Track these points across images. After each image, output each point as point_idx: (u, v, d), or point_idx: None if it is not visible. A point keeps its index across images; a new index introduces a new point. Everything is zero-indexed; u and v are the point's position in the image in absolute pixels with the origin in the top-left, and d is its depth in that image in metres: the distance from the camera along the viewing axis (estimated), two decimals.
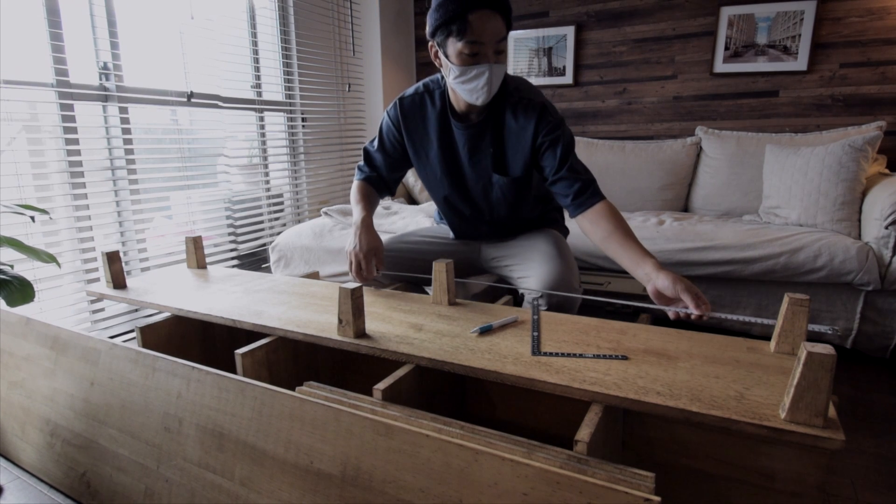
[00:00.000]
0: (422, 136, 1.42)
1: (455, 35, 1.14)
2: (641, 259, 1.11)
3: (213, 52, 2.28)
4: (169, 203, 2.25)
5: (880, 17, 2.35)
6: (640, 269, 1.10)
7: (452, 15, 1.12)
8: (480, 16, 1.11)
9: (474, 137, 1.34)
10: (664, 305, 1.06)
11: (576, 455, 0.73)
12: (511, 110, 1.30)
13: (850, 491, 1.19)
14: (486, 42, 1.14)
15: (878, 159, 2.26)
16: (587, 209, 1.24)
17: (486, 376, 0.93)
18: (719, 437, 0.91)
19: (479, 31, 1.13)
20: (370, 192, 1.51)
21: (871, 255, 1.76)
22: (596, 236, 1.22)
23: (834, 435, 0.71)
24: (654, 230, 2.04)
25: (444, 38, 1.18)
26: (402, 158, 1.49)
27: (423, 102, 1.39)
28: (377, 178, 1.52)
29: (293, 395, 0.87)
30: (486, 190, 1.42)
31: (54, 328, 1.19)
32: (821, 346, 0.72)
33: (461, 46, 1.15)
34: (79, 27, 1.82)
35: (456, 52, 1.17)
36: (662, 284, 1.04)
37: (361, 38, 3.14)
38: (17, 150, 1.69)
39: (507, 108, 1.31)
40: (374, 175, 1.52)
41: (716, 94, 2.71)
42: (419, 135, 1.42)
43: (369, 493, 0.78)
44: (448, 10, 1.13)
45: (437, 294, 1.26)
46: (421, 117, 1.40)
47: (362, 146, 3.26)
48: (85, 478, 1.11)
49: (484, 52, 1.15)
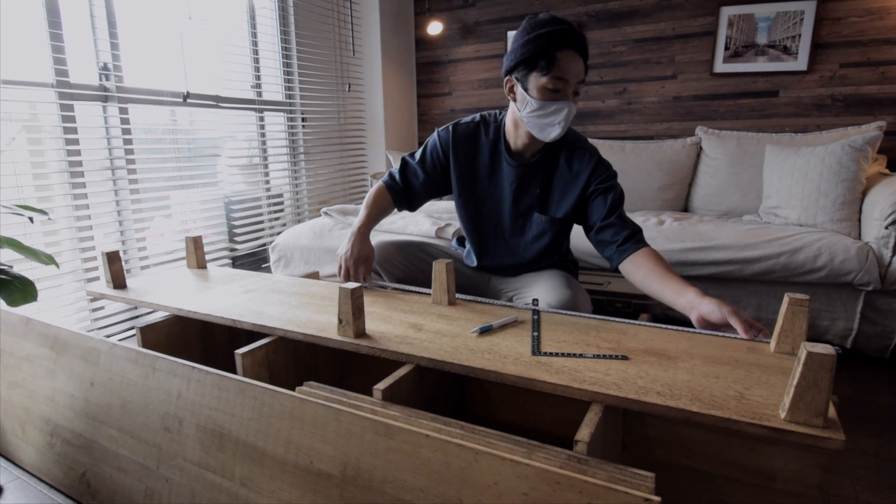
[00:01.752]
0: (469, 165, 1.43)
1: (541, 70, 1.19)
2: (683, 289, 1.10)
3: (212, 52, 2.28)
4: (169, 203, 2.25)
5: (880, 17, 2.35)
6: (683, 297, 1.09)
7: (541, 51, 1.17)
8: (567, 55, 1.17)
9: (525, 176, 1.37)
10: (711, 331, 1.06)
11: (576, 455, 0.73)
12: (567, 156, 1.34)
13: (850, 491, 1.19)
14: (570, 80, 1.19)
15: (878, 159, 2.26)
16: (632, 253, 1.24)
17: (486, 376, 0.93)
18: (719, 437, 0.91)
19: (564, 68, 1.18)
20: (387, 201, 1.50)
21: (871, 255, 1.76)
22: (637, 276, 1.22)
23: (834, 435, 0.71)
24: (654, 230, 2.04)
25: (527, 72, 1.21)
26: (439, 181, 1.47)
27: (478, 132, 1.41)
28: (403, 190, 1.51)
29: (293, 395, 0.87)
30: (524, 227, 1.43)
31: (54, 328, 1.19)
32: (821, 346, 0.72)
33: (545, 81, 1.19)
34: (79, 27, 1.82)
35: (539, 86, 1.20)
36: (707, 310, 1.03)
37: (361, 38, 3.14)
38: (17, 150, 1.69)
39: (563, 154, 1.34)
40: (401, 187, 1.51)
41: (716, 94, 2.71)
42: (467, 163, 1.43)
43: (369, 493, 0.78)
44: (538, 46, 1.17)
45: (437, 294, 1.26)
46: (473, 147, 1.42)
47: (362, 146, 3.28)
48: (85, 478, 1.11)
49: (565, 89, 1.20)
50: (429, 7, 3.27)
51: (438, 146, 1.45)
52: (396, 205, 1.52)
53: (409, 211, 1.57)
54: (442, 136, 1.45)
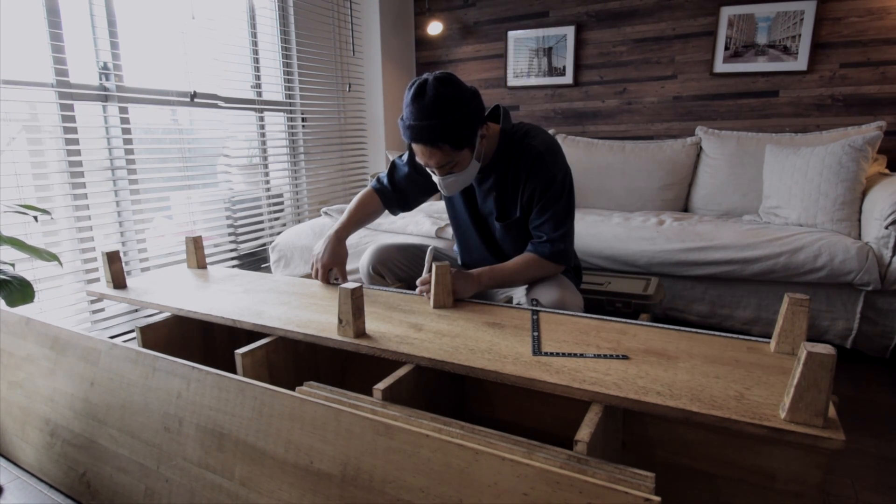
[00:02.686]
0: None
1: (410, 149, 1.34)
2: None
3: (212, 52, 2.28)
4: (169, 203, 2.25)
5: (880, 17, 2.35)
6: None
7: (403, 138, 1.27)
8: (418, 149, 1.25)
9: (482, 181, 1.40)
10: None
11: (576, 455, 0.73)
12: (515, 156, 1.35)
13: (850, 491, 1.19)
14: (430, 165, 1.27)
15: (878, 159, 2.26)
16: None
17: (486, 376, 0.93)
18: (719, 437, 0.91)
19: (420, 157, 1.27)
20: (373, 206, 1.52)
21: (871, 255, 1.76)
22: None
23: (834, 435, 0.71)
24: (654, 230, 2.04)
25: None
26: (429, 178, 1.49)
27: None
28: (392, 192, 1.52)
29: (293, 395, 0.87)
30: (490, 230, 1.47)
31: (54, 328, 1.19)
32: (821, 346, 0.72)
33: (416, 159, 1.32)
34: (79, 27, 1.82)
35: None
36: None
37: (361, 38, 3.14)
38: (18, 150, 1.69)
39: (512, 155, 1.36)
40: (390, 190, 1.52)
41: (716, 94, 2.71)
42: None
43: (369, 493, 0.78)
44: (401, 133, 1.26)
45: (437, 294, 1.26)
46: None
47: (362, 146, 3.28)
48: (85, 478, 1.11)
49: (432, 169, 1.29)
50: (429, 7, 3.27)
51: None
52: (387, 207, 1.54)
53: (404, 211, 1.59)
54: None
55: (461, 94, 1.20)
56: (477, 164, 1.30)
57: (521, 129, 1.37)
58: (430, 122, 1.18)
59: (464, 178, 1.31)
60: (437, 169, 1.27)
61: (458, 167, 1.27)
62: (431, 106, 1.17)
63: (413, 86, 1.21)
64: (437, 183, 1.33)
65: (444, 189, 1.33)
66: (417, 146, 1.23)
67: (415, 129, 1.20)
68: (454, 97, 1.19)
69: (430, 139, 1.20)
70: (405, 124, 1.23)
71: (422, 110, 1.18)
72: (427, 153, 1.23)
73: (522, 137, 1.35)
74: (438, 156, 1.23)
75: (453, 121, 1.19)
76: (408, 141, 1.25)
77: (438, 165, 1.25)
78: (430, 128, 1.19)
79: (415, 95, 1.19)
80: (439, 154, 1.22)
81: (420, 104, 1.18)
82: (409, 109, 1.21)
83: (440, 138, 1.20)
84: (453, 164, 1.26)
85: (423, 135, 1.20)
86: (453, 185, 1.31)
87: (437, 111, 1.17)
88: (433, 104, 1.17)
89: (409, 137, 1.23)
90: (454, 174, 1.28)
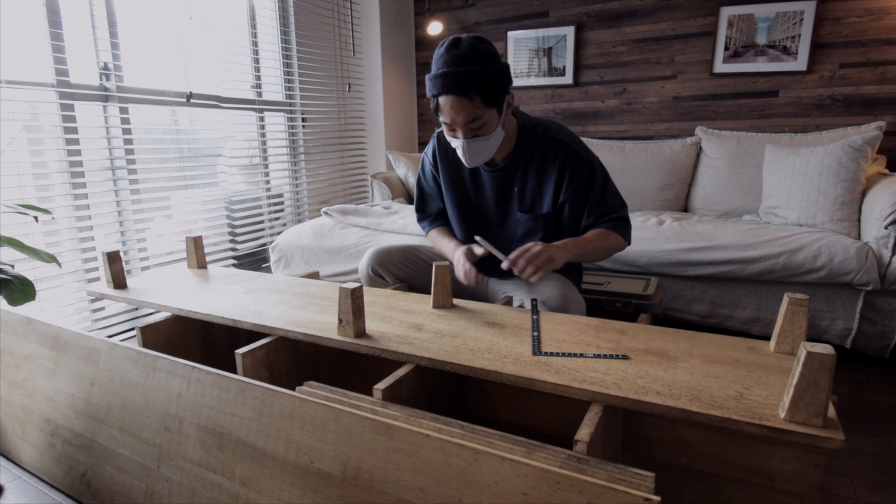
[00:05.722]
0: (454, 172, 1.46)
1: (435, 109, 1.25)
2: None
3: (213, 52, 2.28)
4: (169, 203, 2.25)
5: (880, 17, 2.35)
6: None
7: (432, 94, 1.23)
8: (448, 101, 1.19)
9: (502, 179, 1.39)
10: None
11: (576, 455, 0.74)
12: (540, 149, 1.34)
13: (850, 491, 1.19)
14: (455, 123, 1.22)
15: (878, 159, 2.26)
16: None
17: (486, 376, 0.93)
18: (719, 437, 0.91)
19: (447, 113, 1.22)
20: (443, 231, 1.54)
21: (871, 255, 1.76)
22: None
23: (834, 435, 0.71)
24: (654, 230, 2.04)
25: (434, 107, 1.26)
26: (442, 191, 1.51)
27: None
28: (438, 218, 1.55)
29: (293, 395, 0.87)
30: (512, 229, 1.44)
31: (55, 328, 1.19)
32: (820, 345, 0.72)
33: (441, 119, 1.25)
34: (79, 27, 1.82)
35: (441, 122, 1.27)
36: None
37: (361, 38, 3.14)
38: (18, 150, 1.69)
39: (537, 148, 1.34)
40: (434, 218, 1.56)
41: (716, 95, 2.71)
42: (453, 170, 1.46)
43: (369, 492, 0.78)
44: (429, 89, 1.23)
45: (437, 294, 1.27)
46: (455, 155, 1.42)
47: (362, 146, 3.28)
48: (85, 477, 1.11)
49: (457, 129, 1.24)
50: (429, 7, 3.27)
51: (429, 160, 1.50)
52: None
53: None
54: (429, 149, 1.50)
55: (496, 52, 1.21)
56: (501, 134, 1.27)
57: (542, 124, 1.36)
58: (466, 68, 1.16)
59: (489, 146, 1.27)
60: (462, 129, 1.22)
61: (485, 129, 1.23)
62: (468, 54, 1.17)
63: (447, 40, 1.20)
64: (460, 150, 1.27)
65: (468, 156, 1.27)
66: (447, 99, 1.19)
67: (448, 76, 1.17)
68: (490, 52, 1.19)
69: (464, 87, 1.17)
70: (436, 73, 1.19)
71: (457, 58, 1.17)
72: (457, 105, 1.19)
73: (545, 132, 1.34)
74: (469, 108, 1.19)
75: (488, 72, 1.18)
76: (437, 92, 1.20)
77: (466, 122, 1.20)
78: (464, 73, 1.16)
79: (449, 46, 1.19)
80: (469, 106, 1.18)
81: (455, 52, 1.17)
82: (443, 59, 1.18)
83: (473, 87, 1.17)
84: (481, 124, 1.22)
85: (457, 80, 1.17)
86: (478, 152, 1.26)
87: (473, 59, 1.17)
88: (469, 52, 1.17)
89: (438, 87, 1.19)
90: (480, 138, 1.24)
